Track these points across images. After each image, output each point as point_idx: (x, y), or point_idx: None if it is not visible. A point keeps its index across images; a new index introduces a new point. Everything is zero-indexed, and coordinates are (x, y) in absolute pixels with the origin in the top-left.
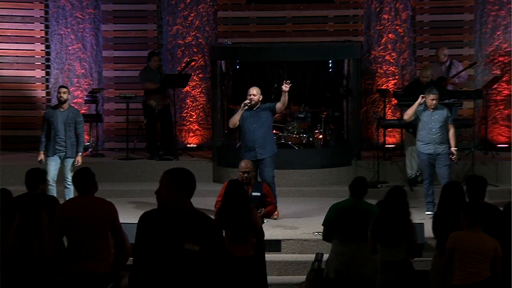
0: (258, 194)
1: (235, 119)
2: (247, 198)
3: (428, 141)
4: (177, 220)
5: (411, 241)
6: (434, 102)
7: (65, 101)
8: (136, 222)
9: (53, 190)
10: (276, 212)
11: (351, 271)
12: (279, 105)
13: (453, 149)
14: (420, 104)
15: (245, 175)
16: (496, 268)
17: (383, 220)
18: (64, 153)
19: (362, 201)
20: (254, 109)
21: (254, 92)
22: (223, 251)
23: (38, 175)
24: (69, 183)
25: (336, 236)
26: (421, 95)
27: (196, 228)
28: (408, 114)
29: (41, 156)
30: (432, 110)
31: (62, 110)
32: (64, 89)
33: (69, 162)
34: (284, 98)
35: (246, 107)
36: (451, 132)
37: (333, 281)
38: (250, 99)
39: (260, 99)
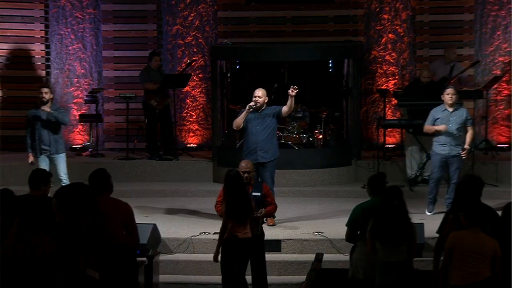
0: (258, 194)
1: (239, 121)
2: (243, 184)
3: (443, 142)
4: (77, 243)
5: (411, 241)
6: (449, 96)
7: (47, 102)
8: (136, 222)
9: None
10: (271, 220)
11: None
12: (285, 109)
13: (465, 146)
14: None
15: (245, 175)
16: (495, 268)
17: (382, 220)
18: (49, 151)
19: None
20: (259, 111)
21: (260, 94)
22: (128, 278)
23: (41, 176)
24: (65, 180)
25: (362, 237)
26: (441, 128)
27: (98, 252)
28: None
29: (31, 158)
30: (451, 111)
31: (44, 110)
32: (45, 89)
33: (58, 159)
34: (291, 102)
35: (251, 109)
36: (469, 133)
37: (363, 282)
38: (256, 101)
39: (266, 101)
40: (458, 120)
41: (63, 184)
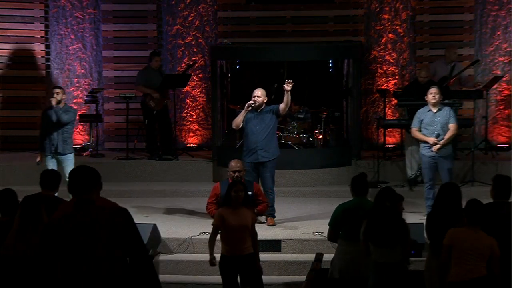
0: (249, 193)
1: (238, 120)
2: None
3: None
4: None
5: (405, 242)
6: (432, 96)
7: (59, 102)
8: (136, 222)
9: None
10: (271, 220)
11: (356, 270)
12: (282, 106)
13: (443, 140)
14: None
15: (236, 174)
16: (492, 266)
17: (376, 222)
18: (56, 151)
19: (367, 200)
20: (258, 111)
21: (259, 94)
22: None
23: (55, 177)
24: None
25: (342, 236)
26: (429, 141)
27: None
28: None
29: (38, 157)
30: (435, 111)
31: (55, 109)
32: (58, 90)
33: (65, 161)
34: (287, 98)
35: (250, 108)
36: (450, 130)
37: (338, 281)
38: (255, 101)
39: (265, 101)
40: (442, 121)
41: None
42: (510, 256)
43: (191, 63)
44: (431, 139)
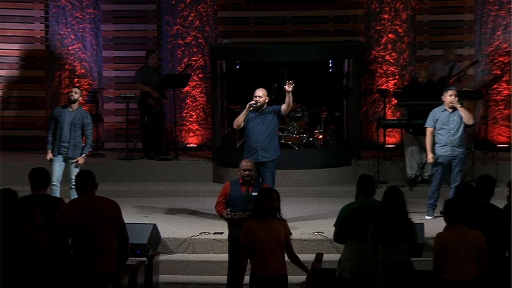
0: None
1: (240, 120)
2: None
3: (445, 143)
4: None
5: (412, 240)
6: (453, 97)
7: (75, 101)
8: (136, 222)
9: (56, 191)
10: None
11: (366, 271)
12: (284, 107)
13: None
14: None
15: (247, 172)
16: (482, 259)
17: (383, 221)
18: (66, 153)
19: (374, 200)
20: (260, 111)
21: (260, 94)
22: None
23: (45, 175)
24: (74, 183)
25: (350, 236)
26: (429, 157)
27: None
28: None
29: (49, 155)
30: (451, 111)
31: (70, 110)
32: (76, 89)
33: (74, 164)
34: (288, 99)
35: (252, 108)
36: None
37: (348, 282)
38: (256, 101)
39: (266, 101)
40: (458, 120)
41: (72, 187)
42: (510, 256)
43: (189, 63)
44: (430, 157)
